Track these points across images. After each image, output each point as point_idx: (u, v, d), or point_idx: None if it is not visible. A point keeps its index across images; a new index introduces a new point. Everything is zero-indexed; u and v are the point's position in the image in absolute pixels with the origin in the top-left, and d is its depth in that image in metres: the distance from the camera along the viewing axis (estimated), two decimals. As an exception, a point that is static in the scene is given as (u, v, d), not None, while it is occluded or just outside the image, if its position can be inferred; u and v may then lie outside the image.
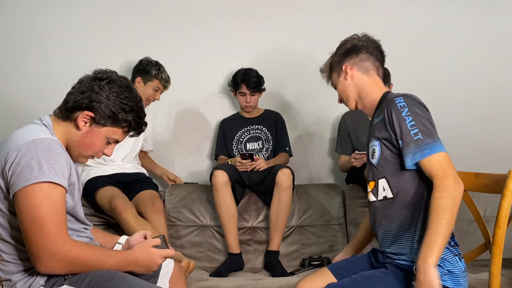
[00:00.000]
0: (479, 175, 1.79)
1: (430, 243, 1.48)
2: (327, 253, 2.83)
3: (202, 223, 2.91)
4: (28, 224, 1.37)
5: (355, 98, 1.82)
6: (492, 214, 2.55)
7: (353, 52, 1.80)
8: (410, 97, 1.64)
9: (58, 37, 3.21)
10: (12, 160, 1.39)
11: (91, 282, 1.40)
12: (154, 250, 1.51)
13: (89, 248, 1.46)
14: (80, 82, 1.54)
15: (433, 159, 1.54)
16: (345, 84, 1.81)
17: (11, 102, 3.17)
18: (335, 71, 1.84)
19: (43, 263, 1.38)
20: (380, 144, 1.67)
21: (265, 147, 3.12)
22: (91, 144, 1.54)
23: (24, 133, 1.45)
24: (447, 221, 1.48)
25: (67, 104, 1.52)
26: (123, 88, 1.53)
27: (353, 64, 1.80)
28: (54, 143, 1.44)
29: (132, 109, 1.54)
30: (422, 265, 1.46)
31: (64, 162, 1.44)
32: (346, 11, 3.28)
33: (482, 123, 3.33)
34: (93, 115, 1.50)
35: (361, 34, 1.83)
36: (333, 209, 2.97)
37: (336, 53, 1.84)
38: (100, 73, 1.55)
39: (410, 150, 1.56)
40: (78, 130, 1.52)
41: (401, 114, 1.58)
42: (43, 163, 1.38)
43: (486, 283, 1.67)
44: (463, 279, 1.61)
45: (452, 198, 1.50)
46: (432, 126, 1.60)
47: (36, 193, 1.37)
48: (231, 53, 3.29)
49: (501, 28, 3.32)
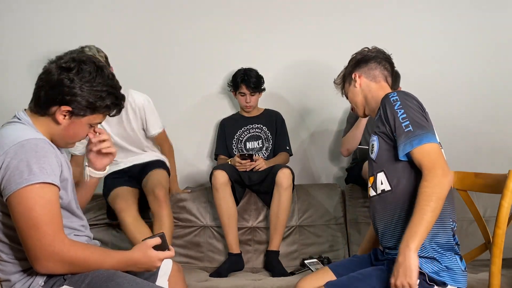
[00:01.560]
0: (479, 175, 1.80)
1: (414, 229, 1.52)
2: (327, 253, 2.83)
3: (202, 223, 2.91)
4: (23, 227, 1.36)
5: (362, 104, 1.92)
6: (492, 214, 2.57)
7: (363, 62, 1.92)
8: (403, 92, 1.70)
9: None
10: (1, 165, 1.37)
11: (91, 282, 1.40)
12: (153, 253, 1.49)
13: (88, 249, 1.45)
14: (47, 73, 1.47)
15: (422, 149, 1.58)
16: (354, 92, 1.92)
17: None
18: (347, 81, 1.97)
19: (41, 264, 1.38)
20: (378, 139, 1.73)
21: (265, 146, 3.12)
22: (75, 134, 1.53)
23: (9, 135, 1.42)
24: (432, 209, 1.52)
25: (40, 100, 1.47)
26: (93, 74, 1.47)
27: (362, 72, 1.91)
28: (41, 142, 1.42)
29: (108, 93, 1.50)
30: (403, 248, 1.51)
31: (54, 159, 1.42)
32: (344, 11, 3.28)
33: (482, 123, 3.33)
34: (71, 109, 1.46)
35: (371, 47, 1.95)
36: (333, 209, 2.97)
37: (348, 65, 1.97)
38: (66, 61, 1.47)
39: (401, 141, 1.61)
40: (58, 125, 1.49)
41: (394, 108, 1.65)
42: (32, 164, 1.36)
43: (486, 283, 1.68)
44: (462, 277, 1.62)
45: (438, 187, 1.53)
46: (424, 119, 1.64)
47: (28, 196, 1.35)
48: (231, 53, 3.29)
49: (501, 29, 3.32)
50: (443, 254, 1.61)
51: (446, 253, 1.62)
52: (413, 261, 1.49)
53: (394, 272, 1.52)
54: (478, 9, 3.31)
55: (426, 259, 1.60)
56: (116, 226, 2.83)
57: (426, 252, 1.61)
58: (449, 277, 1.59)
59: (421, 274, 1.57)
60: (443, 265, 1.60)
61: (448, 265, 1.60)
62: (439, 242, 1.62)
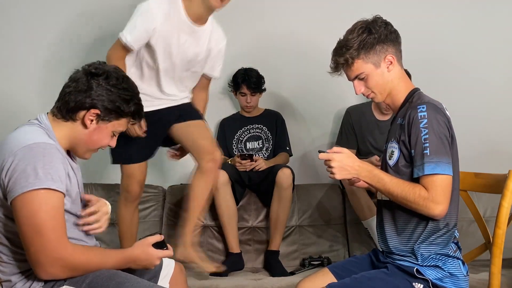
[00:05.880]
0: (479, 175, 1.80)
1: (382, 176, 1.57)
2: (327, 253, 2.83)
3: (202, 223, 2.91)
4: (26, 232, 1.36)
5: (387, 92, 1.67)
6: (492, 214, 2.57)
7: (395, 39, 1.63)
8: (433, 107, 1.57)
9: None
10: (8, 166, 1.37)
11: (91, 282, 1.40)
12: (153, 251, 1.51)
13: (89, 252, 1.45)
14: (75, 80, 1.51)
15: (432, 179, 1.52)
16: (384, 77, 1.64)
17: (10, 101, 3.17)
18: (369, 56, 1.60)
19: (44, 270, 1.38)
20: (399, 149, 1.62)
21: (265, 147, 3.12)
22: (98, 140, 1.55)
23: (20, 137, 1.43)
24: (401, 198, 1.54)
25: (69, 104, 1.50)
26: (120, 79, 1.53)
27: (394, 54, 1.63)
28: (50, 147, 1.42)
29: (132, 98, 1.55)
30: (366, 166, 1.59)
31: (61, 166, 1.42)
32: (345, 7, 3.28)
33: (482, 123, 3.33)
34: (99, 112, 1.50)
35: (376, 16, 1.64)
36: (333, 209, 2.97)
37: (371, 32, 1.59)
38: (95, 68, 1.53)
39: (417, 163, 1.55)
40: (85, 129, 1.51)
41: (419, 125, 1.54)
42: (38, 169, 1.36)
43: (486, 283, 1.68)
44: (464, 282, 1.61)
45: (425, 212, 1.53)
46: (446, 143, 1.55)
47: (33, 200, 1.35)
48: (231, 53, 3.29)
49: (501, 29, 3.32)
50: (446, 261, 1.61)
51: (449, 259, 1.61)
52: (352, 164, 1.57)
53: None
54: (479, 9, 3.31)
55: (430, 266, 1.60)
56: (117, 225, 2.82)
57: (431, 261, 1.60)
58: (452, 283, 1.58)
59: (425, 280, 1.57)
60: (446, 272, 1.59)
61: (451, 272, 1.60)
62: (444, 253, 1.61)
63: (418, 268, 1.58)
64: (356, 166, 1.58)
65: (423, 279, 1.57)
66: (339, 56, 1.63)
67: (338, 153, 1.58)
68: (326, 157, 1.58)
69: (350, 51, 1.60)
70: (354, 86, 1.68)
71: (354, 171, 1.58)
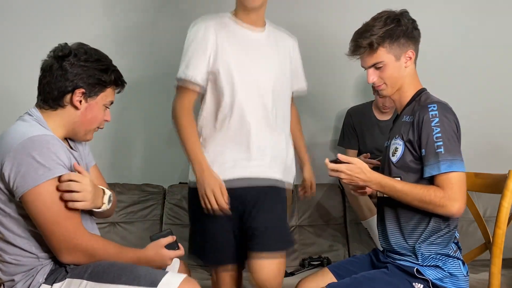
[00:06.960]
0: (479, 175, 1.80)
1: (394, 183, 1.56)
2: (327, 253, 2.83)
3: (202, 222, 2.91)
4: (43, 224, 1.40)
5: (397, 87, 1.68)
6: (492, 214, 2.57)
7: (418, 38, 1.66)
8: (443, 106, 1.59)
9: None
10: (10, 163, 1.38)
11: (93, 271, 1.43)
12: (166, 252, 1.55)
13: (105, 241, 1.51)
14: (48, 69, 1.52)
15: (448, 177, 1.52)
16: (400, 71, 1.65)
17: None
18: (393, 47, 1.60)
19: (66, 256, 1.43)
20: (404, 146, 1.62)
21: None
22: (93, 118, 1.56)
23: (17, 132, 1.44)
24: (416, 197, 1.53)
25: (52, 94, 1.50)
26: (89, 53, 1.54)
27: (415, 51, 1.66)
28: (50, 138, 1.44)
29: (108, 66, 1.57)
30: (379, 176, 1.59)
31: (64, 154, 1.45)
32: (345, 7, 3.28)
33: (482, 123, 3.33)
34: (84, 91, 1.51)
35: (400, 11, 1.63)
36: (333, 209, 2.97)
37: (400, 24, 1.59)
38: (60, 50, 1.52)
39: (430, 162, 1.54)
40: (77, 110, 1.52)
41: (431, 124, 1.54)
42: (43, 161, 1.38)
43: (486, 283, 1.68)
44: (464, 282, 1.61)
45: (442, 212, 1.53)
46: (457, 142, 1.57)
47: (45, 193, 1.38)
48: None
49: (503, 28, 3.32)
50: (446, 261, 1.61)
51: (449, 259, 1.62)
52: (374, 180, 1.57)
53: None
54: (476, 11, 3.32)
55: (430, 266, 1.60)
56: (118, 225, 2.83)
57: (431, 261, 1.61)
58: (452, 284, 1.59)
59: (425, 281, 1.57)
60: (446, 272, 1.60)
61: (451, 272, 1.60)
62: (445, 253, 1.62)
63: (418, 268, 1.58)
64: (366, 178, 1.58)
65: (423, 279, 1.57)
66: (363, 39, 1.60)
67: (347, 164, 1.58)
68: (336, 168, 1.58)
69: (376, 37, 1.59)
70: (368, 74, 1.67)
71: (363, 183, 1.59)
